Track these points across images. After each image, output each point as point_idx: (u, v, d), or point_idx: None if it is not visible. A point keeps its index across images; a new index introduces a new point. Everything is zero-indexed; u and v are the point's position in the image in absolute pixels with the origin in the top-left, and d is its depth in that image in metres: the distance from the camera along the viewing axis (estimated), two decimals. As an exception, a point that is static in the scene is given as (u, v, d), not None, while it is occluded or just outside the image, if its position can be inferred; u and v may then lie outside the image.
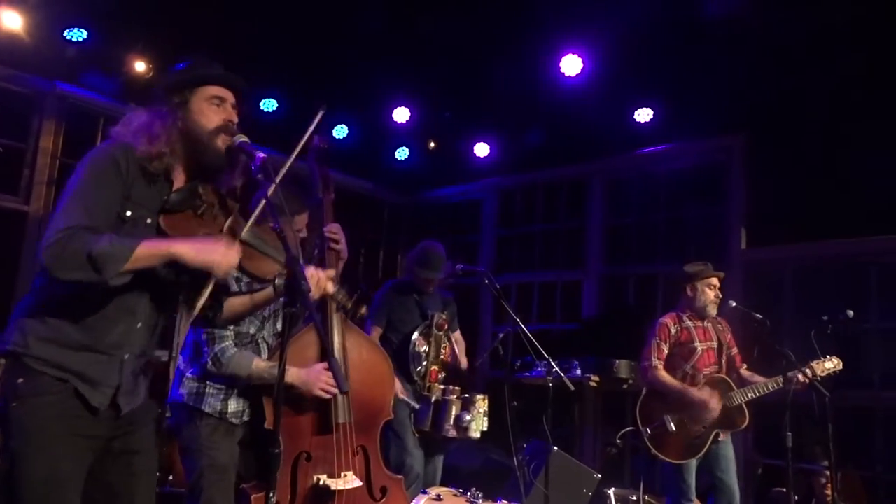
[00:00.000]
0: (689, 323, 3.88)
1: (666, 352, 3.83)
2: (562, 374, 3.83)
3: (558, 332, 6.52)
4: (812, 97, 4.79)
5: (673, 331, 3.84)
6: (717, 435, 3.71)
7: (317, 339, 2.80)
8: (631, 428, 3.91)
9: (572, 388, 3.82)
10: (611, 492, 5.36)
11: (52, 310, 1.79)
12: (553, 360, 5.46)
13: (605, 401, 5.96)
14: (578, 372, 5.52)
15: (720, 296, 3.89)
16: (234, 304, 2.15)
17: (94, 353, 1.81)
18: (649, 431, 3.78)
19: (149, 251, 1.72)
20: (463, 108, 6.30)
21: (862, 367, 4.64)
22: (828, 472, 4.21)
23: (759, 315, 3.69)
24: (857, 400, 4.63)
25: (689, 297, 3.90)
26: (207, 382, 2.66)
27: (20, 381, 1.75)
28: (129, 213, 1.82)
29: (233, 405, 2.69)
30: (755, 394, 3.69)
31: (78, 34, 4.78)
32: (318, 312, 2.80)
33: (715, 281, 3.89)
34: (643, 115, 5.69)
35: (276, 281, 1.75)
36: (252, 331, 2.75)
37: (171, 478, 4.08)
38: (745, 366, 3.97)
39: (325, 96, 5.95)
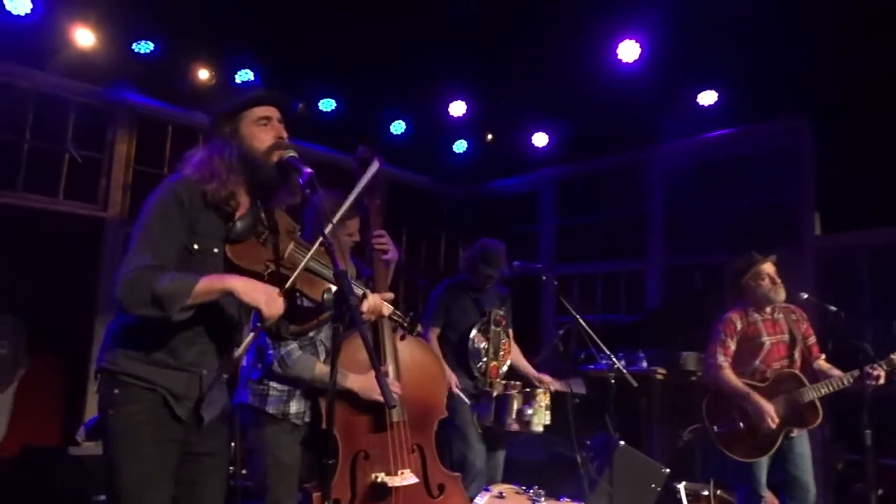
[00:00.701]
0: (756, 317, 3.72)
1: (732, 348, 3.69)
2: (623, 369, 3.75)
3: (623, 324, 6.41)
4: (884, 74, 4.50)
5: (739, 326, 3.70)
6: (788, 432, 3.55)
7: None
8: (698, 425, 3.80)
9: (635, 384, 3.74)
10: (681, 486, 5.24)
11: (136, 333, 1.94)
12: (618, 352, 5.40)
13: (674, 393, 5.82)
14: (644, 364, 5.42)
15: (777, 280, 3.69)
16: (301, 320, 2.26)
17: (177, 371, 1.96)
18: (717, 429, 3.67)
19: (207, 287, 1.84)
20: (519, 98, 6.23)
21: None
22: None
23: (833, 307, 3.51)
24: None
25: (748, 294, 3.74)
26: (270, 385, 2.77)
27: (116, 391, 1.92)
28: (196, 246, 1.95)
29: (294, 406, 2.78)
30: (828, 389, 3.51)
31: (145, 46, 4.99)
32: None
33: (766, 267, 3.69)
34: (707, 98, 5.50)
35: (325, 296, 1.80)
36: (310, 333, 2.82)
37: (244, 471, 4.24)
38: (822, 357, 3.76)
39: (382, 93, 6.08)
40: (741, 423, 3.58)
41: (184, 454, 2.00)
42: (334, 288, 1.86)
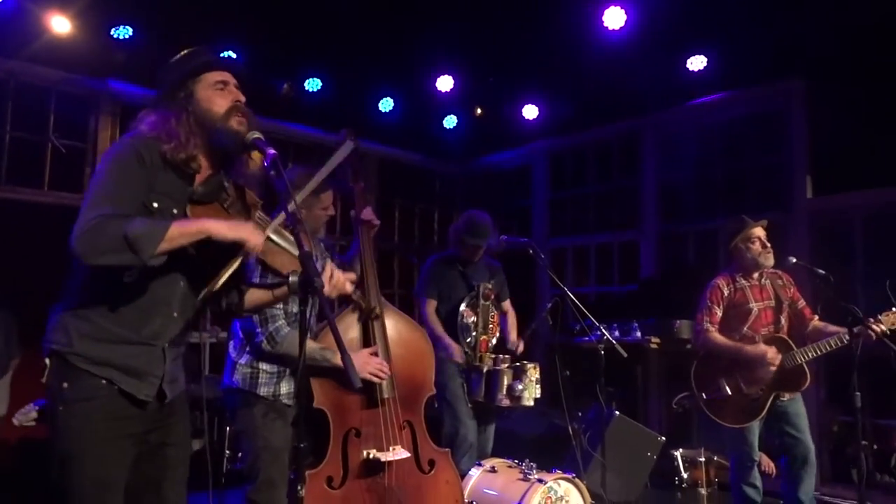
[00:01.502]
0: (743, 283, 3.71)
1: (719, 314, 3.70)
2: (612, 340, 3.75)
3: (617, 295, 6.41)
4: (876, 34, 4.43)
5: (726, 292, 3.70)
6: (777, 396, 3.56)
7: (359, 320, 2.85)
8: (686, 393, 3.81)
9: (625, 354, 3.74)
10: (678, 453, 5.28)
11: (90, 307, 1.83)
12: (612, 323, 5.41)
13: (669, 361, 5.84)
14: (638, 334, 5.44)
15: (767, 245, 3.68)
16: (255, 295, 2.19)
17: (135, 346, 1.85)
18: (705, 396, 3.67)
19: (182, 229, 1.74)
20: (507, 71, 6.16)
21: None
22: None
23: (821, 270, 3.49)
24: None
25: (737, 257, 3.73)
26: (260, 367, 2.76)
27: (65, 385, 1.79)
28: (155, 205, 1.85)
29: (285, 387, 2.79)
30: (816, 353, 3.50)
31: (124, 32, 4.92)
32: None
33: (757, 232, 3.68)
34: (696, 63, 5.43)
35: (291, 279, 1.76)
36: (289, 308, 2.80)
37: (240, 455, 4.26)
38: (816, 318, 3.76)
39: (368, 71, 6.01)
40: (728, 389, 3.59)
41: (144, 446, 1.91)
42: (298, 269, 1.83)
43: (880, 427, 4.72)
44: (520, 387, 3.81)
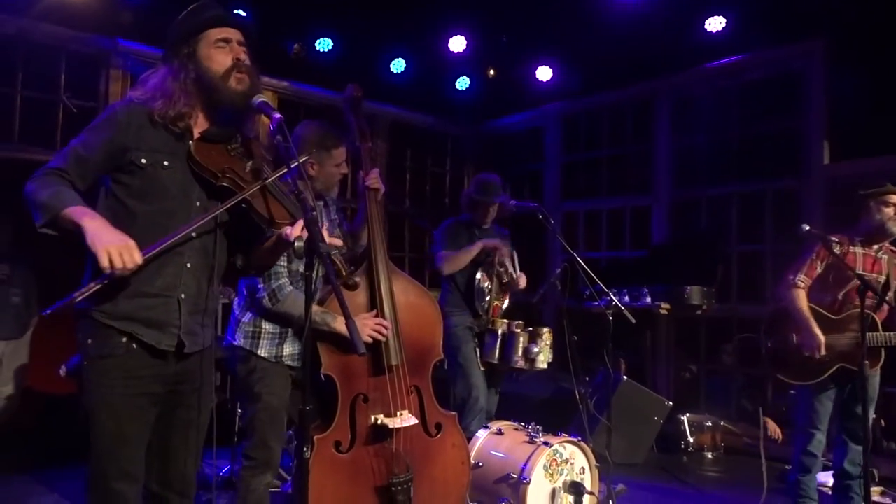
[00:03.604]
0: (858, 249, 3.48)
1: (819, 271, 3.47)
2: (620, 306, 3.75)
3: (628, 260, 6.38)
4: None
5: (836, 251, 3.42)
6: (842, 369, 3.37)
7: (366, 285, 2.85)
8: (749, 334, 3.67)
9: (633, 320, 3.74)
10: (684, 417, 5.34)
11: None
12: (623, 288, 5.41)
13: (679, 328, 5.85)
14: (648, 300, 5.43)
15: None
16: (260, 251, 2.17)
17: (152, 298, 1.89)
18: (770, 345, 3.52)
19: (69, 217, 1.75)
20: (521, 32, 6.05)
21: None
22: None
23: (833, 238, 3.43)
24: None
25: (863, 216, 3.48)
26: (263, 327, 2.73)
27: (89, 341, 1.87)
28: (143, 160, 1.89)
29: (288, 349, 2.76)
30: (889, 342, 3.31)
31: (132, -11, 4.87)
32: (365, 261, 2.86)
33: (895, 198, 3.44)
34: (715, 24, 5.30)
35: (296, 244, 1.75)
36: (302, 269, 2.78)
37: (239, 412, 4.33)
38: None
39: (380, 32, 5.91)
40: (796, 340, 3.44)
41: (165, 407, 1.97)
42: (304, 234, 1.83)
43: (889, 395, 4.72)
44: (535, 349, 3.88)
